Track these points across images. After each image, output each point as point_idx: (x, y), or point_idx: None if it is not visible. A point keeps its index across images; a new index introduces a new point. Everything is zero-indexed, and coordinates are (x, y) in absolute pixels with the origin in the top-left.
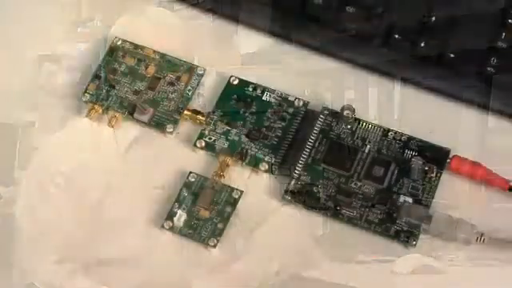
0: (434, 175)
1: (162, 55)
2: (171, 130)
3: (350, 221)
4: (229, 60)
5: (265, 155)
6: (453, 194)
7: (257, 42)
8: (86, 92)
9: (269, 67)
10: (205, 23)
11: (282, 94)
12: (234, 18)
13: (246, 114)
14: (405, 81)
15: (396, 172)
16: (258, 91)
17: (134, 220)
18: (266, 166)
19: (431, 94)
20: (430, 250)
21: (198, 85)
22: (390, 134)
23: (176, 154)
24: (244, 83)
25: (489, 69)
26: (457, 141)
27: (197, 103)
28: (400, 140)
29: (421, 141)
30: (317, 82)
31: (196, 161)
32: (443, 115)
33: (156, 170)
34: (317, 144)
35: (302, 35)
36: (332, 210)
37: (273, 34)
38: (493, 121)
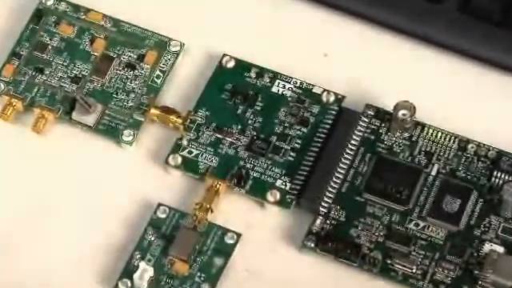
0: None
1: (117, 22)
2: (130, 138)
3: (407, 281)
4: (220, 30)
5: (276, 179)
6: None
7: (262, 3)
8: None
9: (282, 41)
10: None
11: (302, 83)
12: None
13: (247, 115)
14: (491, 64)
15: (479, 205)
16: (266, 79)
17: (74, 277)
18: (278, 196)
19: None
20: None
21: (171, 68)
22: (469, 146)
23: (137, 176)
24: (244, 66)
25: None
26: None
27: (170, 97)
28: (485, 156)
29: None
30: (356, 66)
31: (168, 186)
32: None
33: (106, 199)
34: (356, 161)
35: None
36: (380, 264)
37: None
38: None
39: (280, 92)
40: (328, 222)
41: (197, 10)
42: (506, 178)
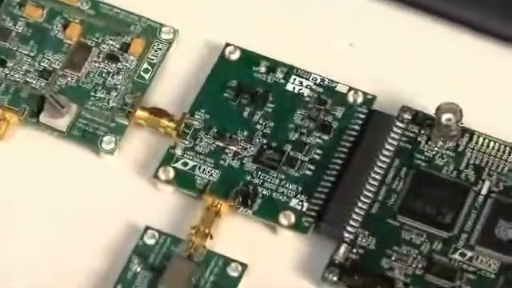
0: None
1: (95, 4)
2: (111, 146)
3: None
4: (222, 15)
5: (290, 197)
6: None
7: None
8: None
9: (297, 29)
10: None
11: (323, 79)
12: None
13: (256, 118)
14: None
15: None
16: (279, 74)
17: None
18: (293, 219)
19: None
20: None
21: (162, 60)
22: None
23: (120, 193)
24: (251, 58)
25: None
26: None
27: (161, 95)
28: None
29: None
30: (389, 58)
31: (158, 206)
32: None
33: (82, 221)
34: (389, 177)
35: None
36: None
37: None
38: None
39: (296, 90)
40: (354, 250)
41: None
42: None
